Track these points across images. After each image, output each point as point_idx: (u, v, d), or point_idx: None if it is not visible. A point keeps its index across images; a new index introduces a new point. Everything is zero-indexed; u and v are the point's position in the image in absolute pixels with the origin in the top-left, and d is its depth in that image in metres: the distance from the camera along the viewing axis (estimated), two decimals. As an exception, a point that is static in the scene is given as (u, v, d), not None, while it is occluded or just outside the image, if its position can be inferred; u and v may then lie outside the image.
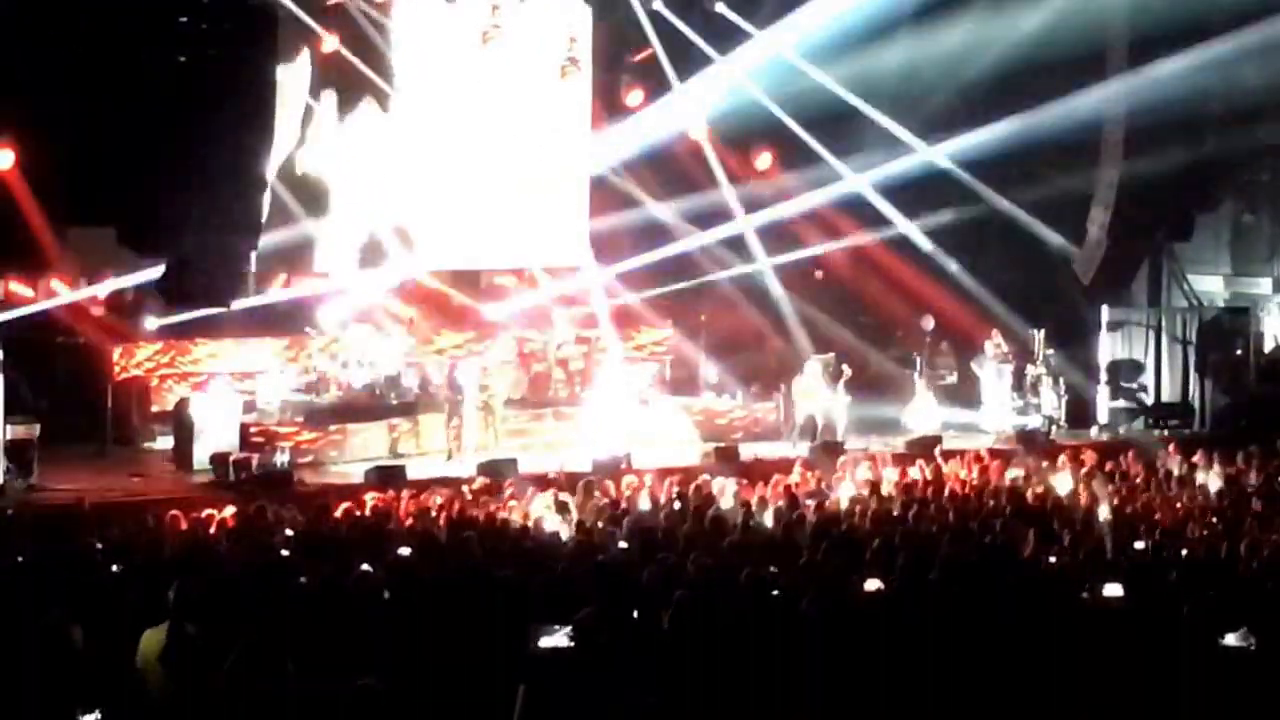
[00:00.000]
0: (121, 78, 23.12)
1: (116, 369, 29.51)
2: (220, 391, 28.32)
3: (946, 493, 22.33)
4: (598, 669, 8.47)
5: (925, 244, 33.67)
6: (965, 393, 33.76)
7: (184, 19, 22.67)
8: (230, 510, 20.97)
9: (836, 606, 11.66)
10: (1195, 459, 25.90)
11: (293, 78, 29.43)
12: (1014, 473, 25.18)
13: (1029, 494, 22.40)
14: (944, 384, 34.58)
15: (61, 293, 28.82)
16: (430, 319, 32.74)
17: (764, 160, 34.79)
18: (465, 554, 15.86)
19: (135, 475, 26.15)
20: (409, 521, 19.96)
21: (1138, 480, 24.31)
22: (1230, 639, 10.97)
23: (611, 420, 29.99)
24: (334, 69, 30.66)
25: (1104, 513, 21.01)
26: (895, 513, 20.16)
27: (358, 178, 31.96)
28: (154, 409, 29.38)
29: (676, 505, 20.75)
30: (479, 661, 9.57)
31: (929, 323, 34.53)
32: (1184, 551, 16.91)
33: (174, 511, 20.29)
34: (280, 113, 28.05)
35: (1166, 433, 32.48)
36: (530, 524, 19.86)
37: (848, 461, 25.96)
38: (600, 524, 19.26)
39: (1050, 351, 33.46)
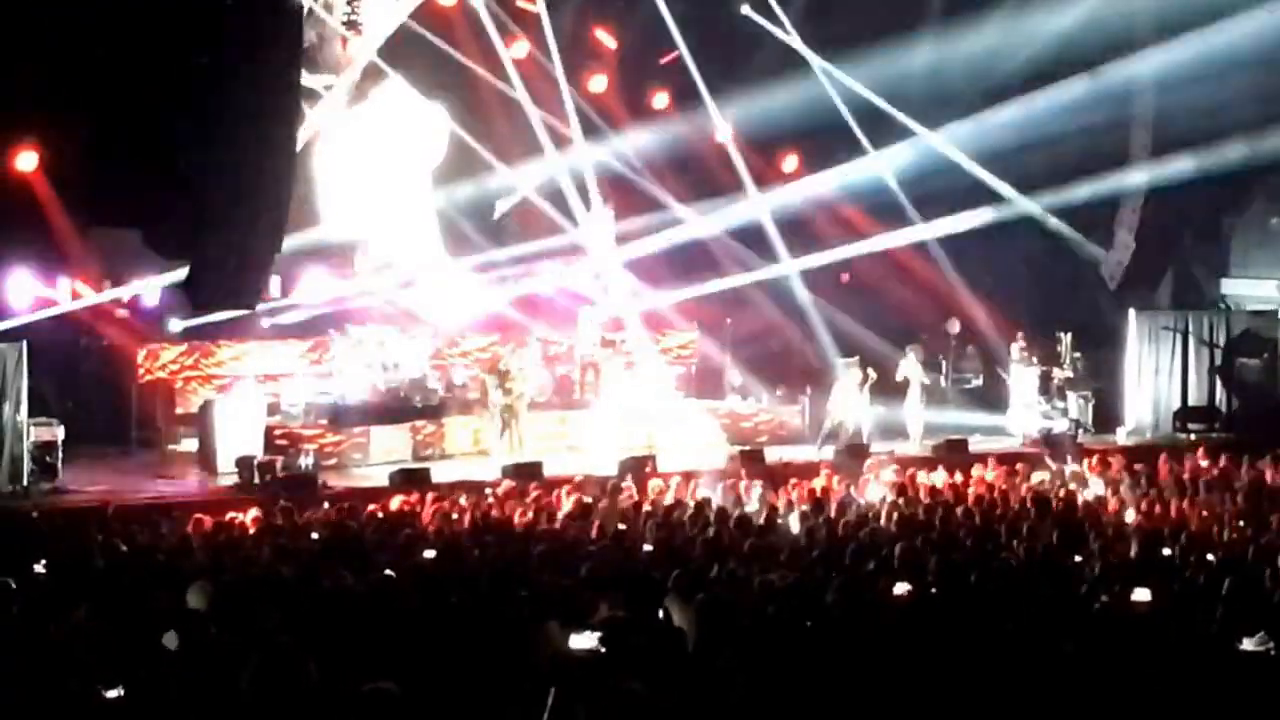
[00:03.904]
0: (144, 80, 23.12)
1: (141, 371, 29.53)
2: (245, 393, 28.38)
3: (972, 497, 22.25)
4: (626, 671, 8.41)
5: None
6: (991, 396, 33.68)
7: (207, 19, 22.62)
8: (254, 513, 20.97)
9: (863, 610, 11.60)
10: (1222, 463, 25.84)
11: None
12: (1040, 476, 25.12)
13: (1055, 498, 22.31)
14: (969, 387, 34.55)
15: (86, 295, 28.87)
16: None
17: (790, 163, 34.72)
18: (489, 557, 15.83)
19: (160, 478, 26.18)
20: (433, 525, 19.92)
21: (1165, 485, 24.21)
22: (1248, 644, 10.88)
23: (632, 424, 30.00)
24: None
25: (1131, 517, 20.95)
26: (921, 516, 20.10)
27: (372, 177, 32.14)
28: (179, 411, 29.41)
29: (701, 509, 20.68)
30: (504, 665, 9.53)
31: (954, 326, 34.48)
32: (1211, 556, 16.80)
33: (198, 514, 20.32)
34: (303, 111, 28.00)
35: (1193, 437, 32.36)
36: (557, 527, 19.81)
37: (873, 465, 25.90)
38: (625, 527, 19.22)
39: (1077, 355, 33.35)
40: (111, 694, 8.79)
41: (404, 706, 7.73)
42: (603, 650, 9.16)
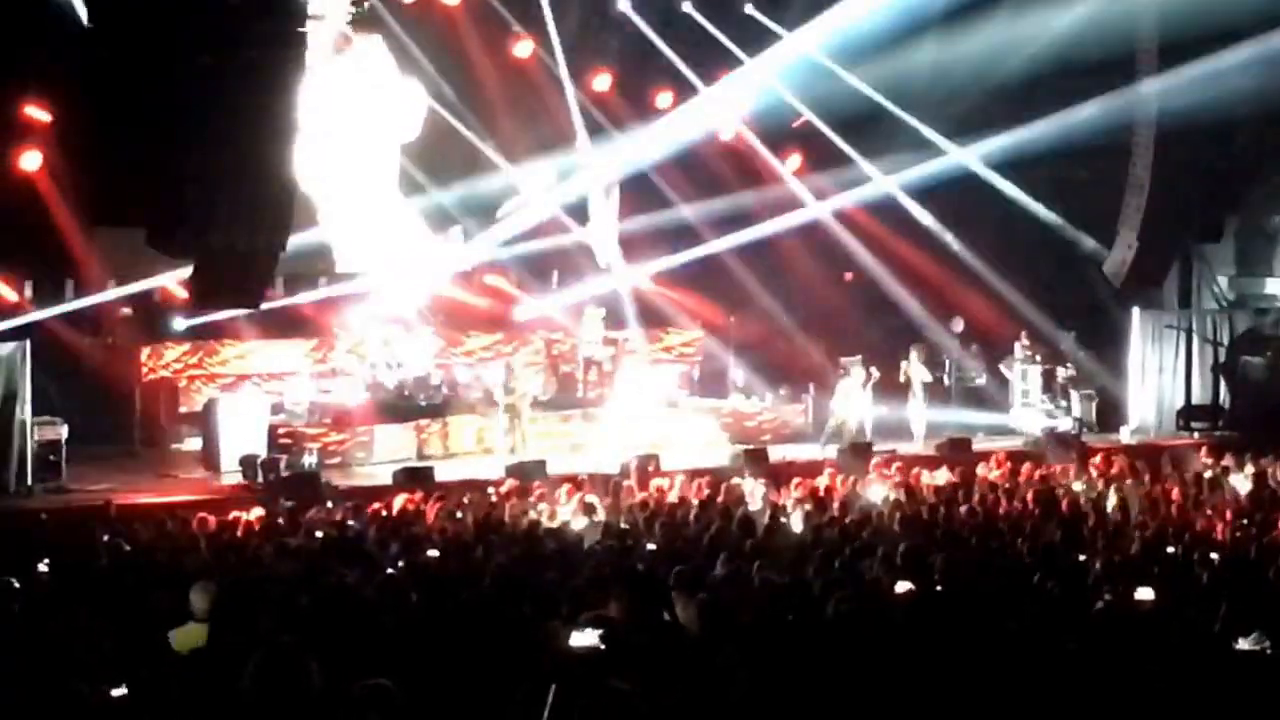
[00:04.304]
0: (149, 79, 23.12)
1: (145, 370, 29.51)
2: (249, 392, 28.47)
3: (976, 495, 22.26)
4: (627, 670, 8.42)
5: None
6: (995, 395, 33.67)
7: (212, 19, 22.63)
8: (258, 512, 20.99)
9: (866, 609, 11.59)
10: (1226, 461, 25.85)
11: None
12: (1043, 475, 25.12)
13: (1059, 497, 22.32)
14: (972, 386, 34.50)
15: (90, 294, 28.89)
16: (458, 319, 32.72)
17: (793, 162, 34.70)
18: (492, 556, 15.84)
19: (163, 477, 26.19)
20: (437, 524, 19.93)
21: (1168, 483, 24.22)
22: (1243, 643, 10.87)
23: (635, 423, 29.95)
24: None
25: (1134, 516, 20.94)
26: (925, 515, 20.10)
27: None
28: (182, 410, 29.40)
29: (705, 507, 20.69)
30: (507, 664, 9.53)
31: (958, 325, 34.46)
32: (1214, 555, 16.80)
33: (202, 513, 20.33)
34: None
35: (1197, 435, 32.36)
36: (558, 525, 19.83)
37: (878, 463, 25.91)
38: (628, 525, 19.22)
39: (1081, 353, 33.35)
40: (116, 693, 8.78)
41: (400, 703, 7.75)
42: (603, 648, 9.15)
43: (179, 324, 29.77)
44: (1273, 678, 10.27)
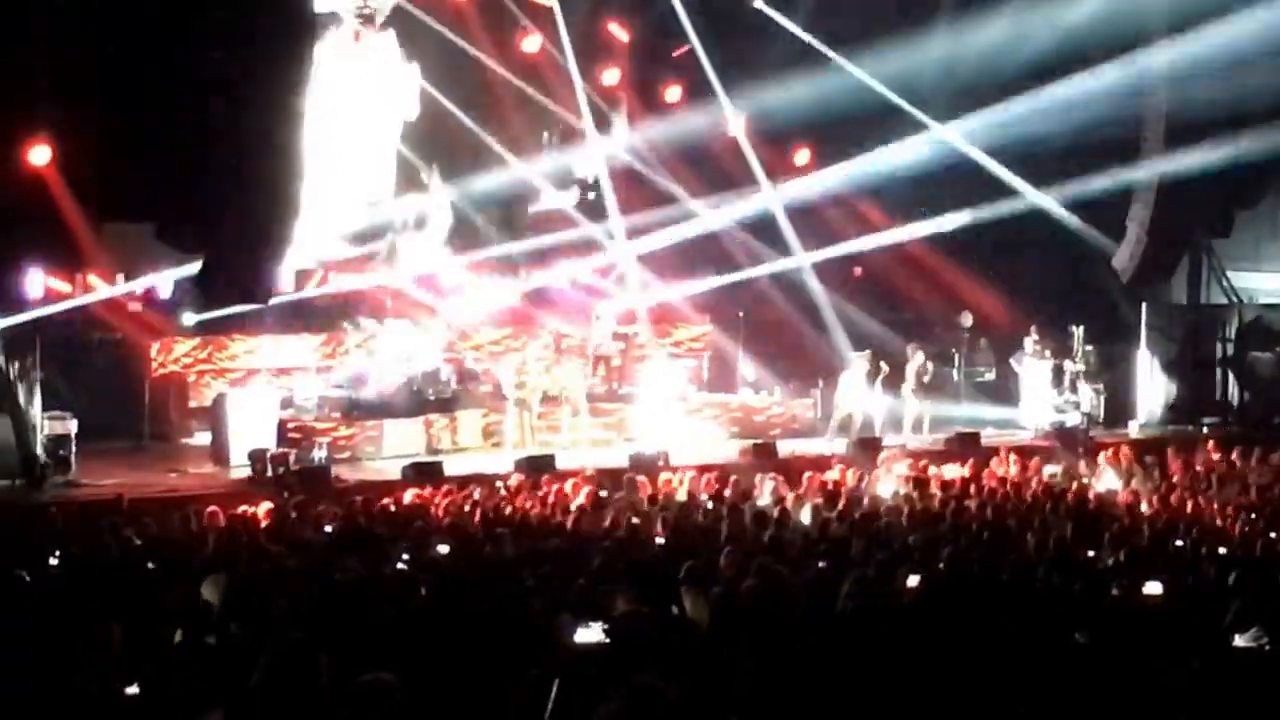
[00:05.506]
0: (159, 74, 23.15)
1: (154, 365, 29.54)
2: (258, 388, 28.51)
3: (986, 490, 22.26)
4: (633, 665, 8.43)
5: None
6: (1004, 389, 33.64)
7: (221, 17, 22.66)
8: (267, 506, 20.99)
9: (876, 603, 11.61)
10: (1234, 456, 25.85)
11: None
12: (1052, 469, 25.13)
13: (1068, 491, 22.32)
14: (982, 381, 34.50)
15: (99, 289, 28.89)
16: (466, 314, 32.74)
17: (802, 156, 34.70)
18: (501, 551, 15.86)
19: (173, 471, 26.18)
20: (446, 518, 19.94)
21: (1177, 477, 24.23)
22: (1240, 639, 10.87)
23: (661, 417, 29.94)
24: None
25: (1143, 510, 20.95)
26: (934, 509, 20.10)
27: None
28: (192, 405, 29.42)
29: (714, 502, 20.70)
30: (514, 658, 9.56)
31: (967, 319, 34.44)
32: (1223, 549, 16.81)
33: (211, 507, 20.34)
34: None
35: (1205, 430, 32.34)
36: (568, 520, 19.83)
37: (886, 458, 25.91)
38: (637, 520, 19.22)
39: (1089, 348, 33.33)
40: (130, 690, 8.82)
41: (402, 698, 7.77)
42: (608, 642, 9.19)
43: (189, 318, 29.70)
44: (1269, 674, 10.27)
